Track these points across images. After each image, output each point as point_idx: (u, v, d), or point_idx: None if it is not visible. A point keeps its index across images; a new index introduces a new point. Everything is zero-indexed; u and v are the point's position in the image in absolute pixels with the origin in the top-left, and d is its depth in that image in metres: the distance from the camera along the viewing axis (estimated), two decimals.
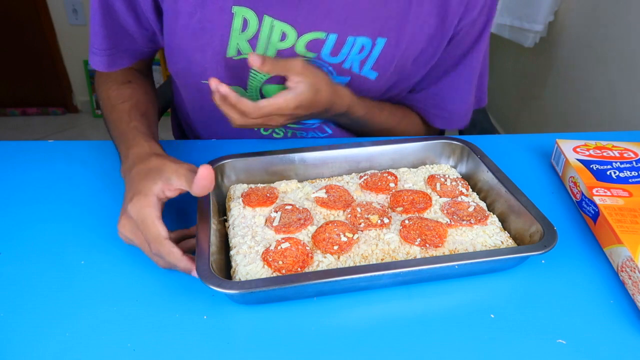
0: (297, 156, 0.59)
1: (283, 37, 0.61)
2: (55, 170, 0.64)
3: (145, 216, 0.46)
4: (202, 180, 0.45)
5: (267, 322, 0.43)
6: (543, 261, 0.50)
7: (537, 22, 1.68)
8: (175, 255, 0.45)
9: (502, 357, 0.40)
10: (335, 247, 0.47)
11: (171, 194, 0.49)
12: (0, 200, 0.58)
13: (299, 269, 0.44)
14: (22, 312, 0.44)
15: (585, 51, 1.54)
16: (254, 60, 0.55)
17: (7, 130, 2.45)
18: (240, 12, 0.59)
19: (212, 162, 0.56)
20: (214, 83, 0.54)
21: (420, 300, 0.45)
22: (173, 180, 0.48)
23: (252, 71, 0.65)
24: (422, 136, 0.75)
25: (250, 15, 0.59)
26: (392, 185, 0.57)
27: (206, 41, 0.62)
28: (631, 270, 0.45)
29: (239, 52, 0.63)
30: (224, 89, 0.54)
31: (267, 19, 0.59)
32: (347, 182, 0.58)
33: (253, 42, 0.61)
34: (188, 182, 0.47)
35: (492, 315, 0.44)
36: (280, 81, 0.65)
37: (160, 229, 0.46)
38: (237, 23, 0.60)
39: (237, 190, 0.56)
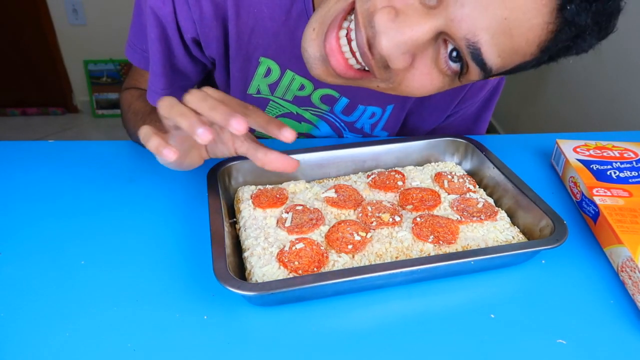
0: (303, 156, 0.59)
1: (301, 87, 0.66)
2: (55, 170, 0.64)
3: None
4: None
5: (269, 322, 0.43)
6: (543, 261, 0.50)
7: None
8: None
9: (502, 357, 0.40)
10: (350, 247, 0.47)
11: None
12: (0, 200, 0.58)
13: (315, 269, 0.44)
14: (22, 312, 0.44)
15: None
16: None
17: (7, 130, 2.45)
18: (266, 63, 0.64)
19: (218, 165, 0.57)
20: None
21: (420, 300, 0.45)
22: None
23: (269, 107, 0.70)
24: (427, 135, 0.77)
25: (274, 67, 0.64)
26: (400, 183, 0.57)
27: (232, 81, 0.67)
28: (631, 270, 0.45)
29: (258, 92, 0.68)
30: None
31: (289, 73, 0.64)
32: (355, 182, 0.58)
33: (273, 86, 0.67)
34: None
35: (492, 315, 0.44)
36: (294, 118, 0.72)
37: None
38: (261, 70, 0.65)
39: (246, 192, 0.56)
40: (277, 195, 0.54)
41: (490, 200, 0.55)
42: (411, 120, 0.74)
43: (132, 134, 0.71)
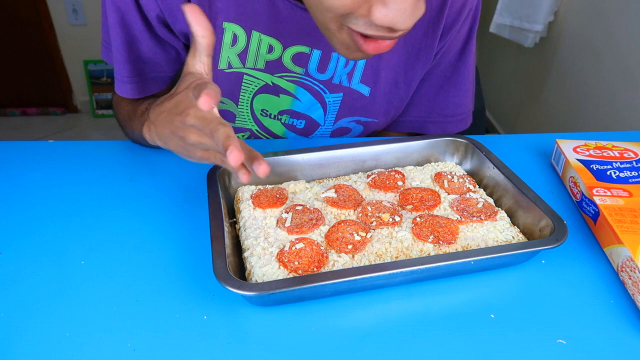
0: (303, 156, 0.60)
1: (270, 49, 0.64)
2: (55, 170, 0.64)
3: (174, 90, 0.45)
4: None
5: (269, 322, 0.43)
6: (543, 261, 0.50)
7: (537, 22, 1.68)
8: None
9: (502, 357, 0.40)
10: (350, 247, 0.47)
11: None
12: (0, 200, 0.58)
13: (315, 269, 0.44)
14: (22, 312, 0.44)
15: (585, 51, 1.54)
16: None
17: (7, 130, 2.45)
18: (230, 28, 0.62)
19: (218, 165, 0.56)
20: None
21: (420, 300, 0.45)
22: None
23: (244, 83, 0.67)
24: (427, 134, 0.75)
25: (239, 31, 0.62)
26: (400, 183, 0.57)
27: None
28: (631, 270, 0.45)
29: (229, 66, 0.66)
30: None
31: (255, 34, 0.63)
32: (355, 182, 0.58)
33: (243, 55, 0.65)
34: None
35: (492, 315, 0.44)
36: (272, 91, 0.68)
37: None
38: (227, 38, 0.63)
39: (246, 192, 0.56)
40: (277, 195, 0.54)
41: (490, 200, 0.55)
42: (399, 75, 0.70)
43: (127, 134, 0.70)
